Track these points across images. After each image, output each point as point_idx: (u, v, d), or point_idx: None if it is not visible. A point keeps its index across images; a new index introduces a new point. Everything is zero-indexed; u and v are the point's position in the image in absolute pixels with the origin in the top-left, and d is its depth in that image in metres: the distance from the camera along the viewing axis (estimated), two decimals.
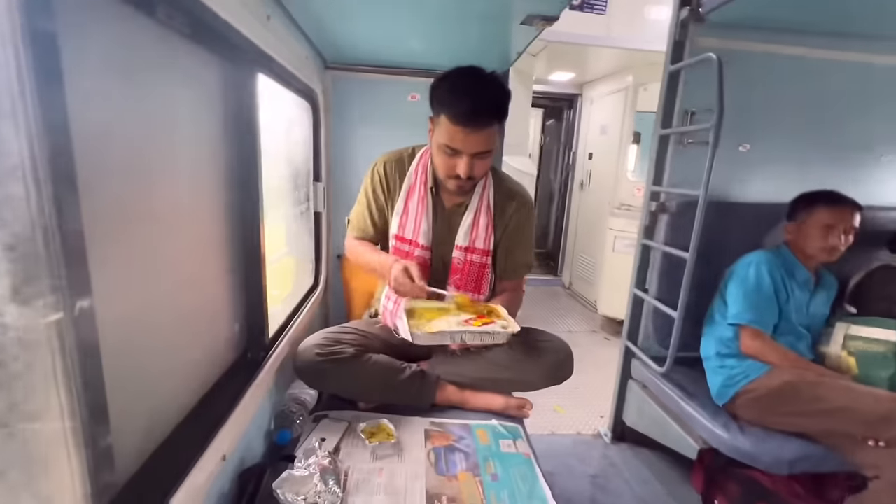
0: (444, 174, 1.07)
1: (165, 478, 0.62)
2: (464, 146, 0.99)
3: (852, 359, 1.35)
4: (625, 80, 3.17)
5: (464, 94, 0.96)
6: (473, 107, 0.95)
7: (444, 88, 1.00)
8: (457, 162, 1.02)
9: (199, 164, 0.79)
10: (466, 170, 1.01)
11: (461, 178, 1.04)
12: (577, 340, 2.84)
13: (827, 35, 1.54)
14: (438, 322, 1.00)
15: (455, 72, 1.01)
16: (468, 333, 0.95)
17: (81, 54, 0.48)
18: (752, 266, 1.37)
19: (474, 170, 1.03)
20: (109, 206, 0.54)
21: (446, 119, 0.98)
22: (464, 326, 0.98)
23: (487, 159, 1.05)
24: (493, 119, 0.99)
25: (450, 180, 1.07)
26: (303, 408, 1.09)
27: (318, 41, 1.39)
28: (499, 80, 1.01)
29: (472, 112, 0.96)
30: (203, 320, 0.83)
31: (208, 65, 0.80)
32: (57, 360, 0.44)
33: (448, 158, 1.03)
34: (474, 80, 0.99)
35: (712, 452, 1.33)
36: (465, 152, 1.00)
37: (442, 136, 1.01)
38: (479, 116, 0.96)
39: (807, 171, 1.62)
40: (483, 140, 0.99)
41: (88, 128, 0.49)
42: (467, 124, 0.96)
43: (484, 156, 1.03)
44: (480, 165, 1.04)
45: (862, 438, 1.12)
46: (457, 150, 1.00)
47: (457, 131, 0.97)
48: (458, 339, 0.95)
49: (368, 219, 1.22)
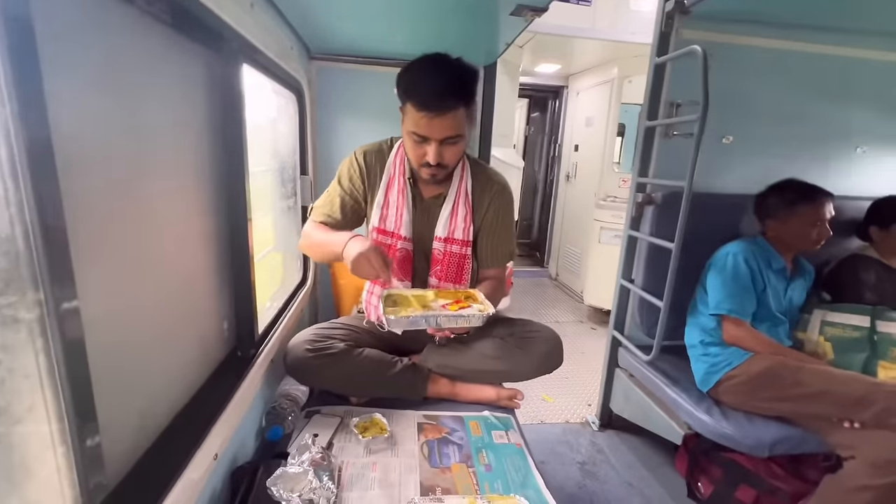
0: (416, 162, 1.06)
1: (157, 478, 0.61)
2: (430, 131, 0.98)
3: (829, 344, 1.40)
4: (610, 72, 3.18)
5: (426, 79, 0.96)
6: (435, 90, 0.94)
7: (407, 76, 0.99)
8: (426, 149, 1.01)
9: (184, 158, 0.77)
10: (435, 156, 1.00)
11: (432, 166, 1.03)
12: (563, 330, 2.88)
13: (808, 28, 1.58)
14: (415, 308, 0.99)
15: (419, 59, 0.99)
16: (443, 317, 0.94)
17: (59, 46, 0.46)
18: (730, 256, 1.40)
19: (444, 156, 1.02)
20: (92, 203, 0.52)
21: (411, 106, 0.97)
22: (440, 311, 0.97)
23: (457, 145, 1.03)
24: (458, 102, 0.97)
25: (422, 169, 1.06)
26: (294, 404, 1.08)
27: (303, 30, 1.36)
28: (464, 64, 0.99)
29: (434, 95, 0.94)
30: (190, 318, 0.81)
31: (191, 55, 0.77)
32: (41, 362, 0.43)
33: (417, 146, 1.02)
34: (436, 65, 0.97)
35: (696, 437, 1.37)
36: (433, 138, 0.99)
37: (409, 123, 1.00)
38: (442, 100, 0.95)
39: (787, 162, 1.66)
40: (449, 124, 0.98)
41: (68, 122, 0.47)
42: (430, 108, 0.95)
43: (453, 140, 1.01)
44: (451, 151, 1.03)
45: (838, 420, 1.17)
46: (424, 136, 0.99)
47: (421, 117, 0.96)
48: (433, 323, 0.94)
49: (339, 207, 1.16)
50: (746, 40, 1.57)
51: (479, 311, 0.97)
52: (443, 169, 1.06)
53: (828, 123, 1.71)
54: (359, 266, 0.94)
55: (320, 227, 1.16)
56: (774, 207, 1.42)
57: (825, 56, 1.63)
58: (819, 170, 1.69)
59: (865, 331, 1.36)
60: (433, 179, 1.09)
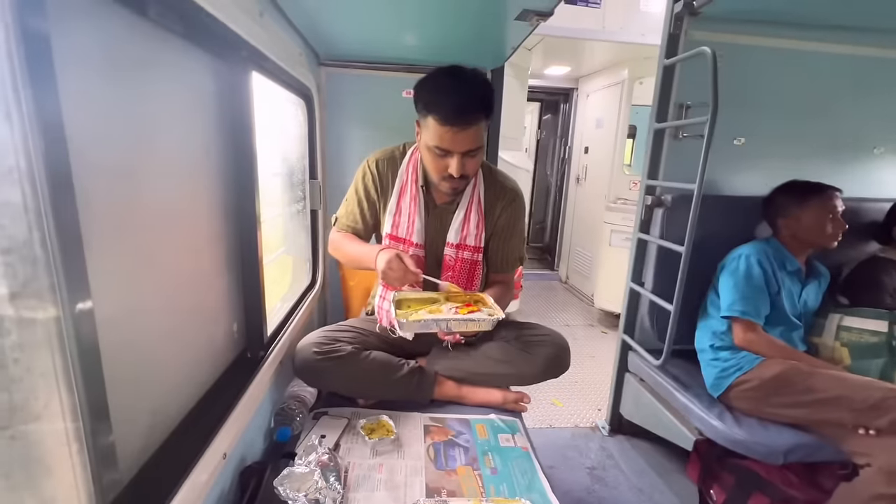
0: (437, 176, 1.06)
1: (167, 476, 0.62)
2: (453, 145, 0.99)
3: (845, 349, 1.37)
4: (620, 74, 3.16)
5: (449, 94, 0.96)
6: (460, 105, 0.96)
7: (427, 90, 0.99)
8: (448, 162, 1.02)
9: (195, 164, 0.79)
10: (458, 169, 1.01)
11: (454, 179, 1.04)
12: (574, 334, 2.86)
13: (820, 28, 1.55)
14: (426, 312, 1.01)
15: (436, 72, 1.00)
16: (454, 321, 0.96)
17: (75, 55, 0.48)
18: (743, 258, 1.38)
19: (466, 168, 1.03)
20: (106, 207, 0.54)
21: (433, 121, 0.97)
22: (450, 315, 0.98)
23: (478, 156, 1.05)
24: (480, 115, 0.98)
25: (443, 182, 1.07)
26: (302, 405, 1.10)
27: (311, 37, 1.38)
28: (481, 76, 1.01)
29: (459, 110, 0.96)
30: (201, 320, 0.83)
31: (202, 63, 0.80)
32: (57, 362, 0.45)
33: (439, 160, 1.03)
34: (457, 79, 0.98)
35: (708, 443, 1.35)
36: (456, 151, 1.00)
37: (430, 137, 1.00)
38: (466, 114, 0.96)
39: (801, 164, 1.62)
40: (472, 137, 0.99)
41: (84, 129, 0.49)
42: (455, 123, 0.96)
43: (474, 153, 1.03)
44: (472, 163, 1.04)
45: (853, 427, 1.14)
46: (447, 150, 1.00)
47: (445, 131, 0.97)
48: (444, 327, 0.96)
49: (359, 215, 1.20)
50: (757, 41, 1.54)
51: (489, 316, 0.99)
52: (464, 181, 1.07)
53: (843, 124, 1.67)
54: (386, 278, 1.02)
55: (348, 237, 1.21)
56: (785, 206, 1.40)
57: (839, 55, 1.59)
58: (835, 171, 1.65)
59: (884, 336, 1.32)
60: (454, 192, 1.11)
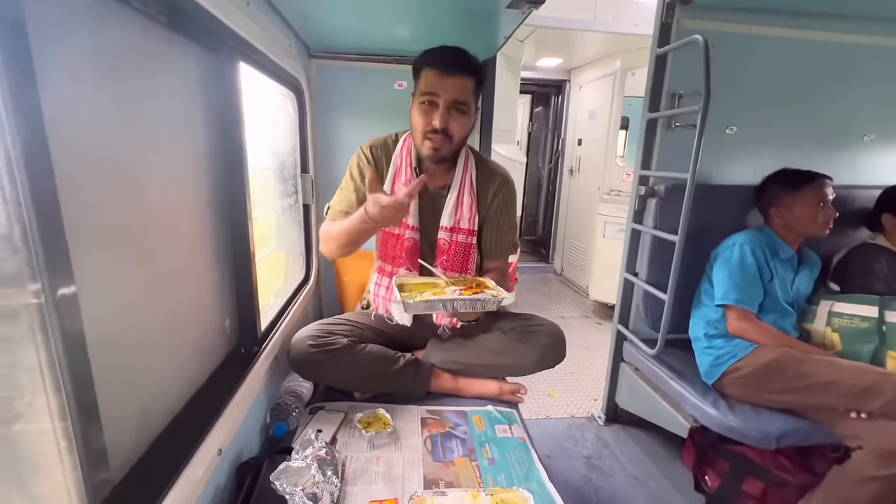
0: (421, 134, 1.08)
1: (161, 473, 0.61)
2: (441, 89, 1.03)
3: (836, 335, 1.38)
4: (612, 65, 3.16)
5: (442, 48, 1.07)
6: (449, 54, 1.05)
7: (423, 54, 1.08)
8: (433, 115, 1.05)
9: (183, 156, 0.77)
10: (442, 119, 1.04)
11: (437, 135, 1.05)
12: (569, 326, 2.87)
13: (812, 16, 1.55)
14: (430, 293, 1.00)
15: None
16: (459, 301, 0.97)
17: (54, 46, 0.46)
18: (736, 247, 1.39)
19: (450, 124, 1.06)
20: (91, 202, 0.53)
21: (426, 71, 1.05)
22: (455, 295, 0.99)
23: (463, 117, 1.08)
24: (468, 70, 1.05)
25: (426, 141, 1.08)
26: (298, 400, 1.09)
27: (301, 28, 1.36)
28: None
29: (449, 57, 1.04)
30: (192, 315, 0.82)
31: (188, 54, 0.78)
32: (43, 359, 0.44)
33: (425, 114, 1.06)
34: (449, 46, 1.08)
35: (702, 430, 1.36)
36: (442, 96, 1.04)
37: (422, 87, 1.06)
38: (455, 61, 1.04)
39: (792, 152, 1.63)
40: (459, 87, 1.04)
41: (65, 121, 0.47)
42: (444, 67, 1.03)
43: (460, 108, 1.06)
44: (456, 122, 1.07)
45: (845, 411, 1.16)
46: (434, 94, 1.04)
47: (434, 75, 1.04)
48: (449, 307, 0.97)
49: (355, 199, 1.17)
50: (749, 29, 1.54)
51: (493, 296, 0.99)
52: (447, 141, 1.07)
53: (834, 112, 1.68)
54: (384, 217, 0.97)
55: (335, 222, 1.17)
56: (777, 194, 1.41)
57: (830, 43, 1.60)
58: (826, 159, 1.66)
59: (874, 321, 1.34)
60: (436, 155, 1.09)
